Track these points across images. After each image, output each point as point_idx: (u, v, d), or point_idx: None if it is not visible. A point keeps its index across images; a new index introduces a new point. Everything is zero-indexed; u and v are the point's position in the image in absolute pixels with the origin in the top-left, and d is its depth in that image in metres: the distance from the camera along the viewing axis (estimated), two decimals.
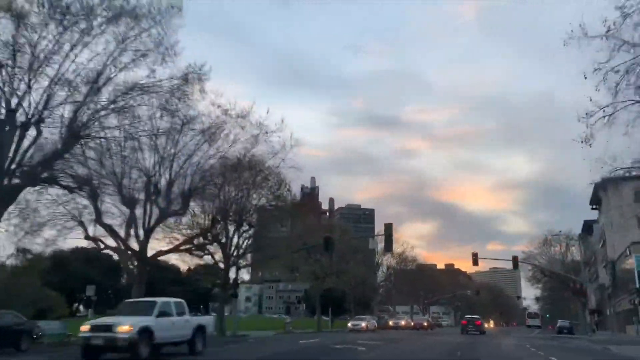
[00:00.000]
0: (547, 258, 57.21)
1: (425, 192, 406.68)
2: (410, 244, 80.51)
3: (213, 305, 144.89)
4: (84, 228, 29.61)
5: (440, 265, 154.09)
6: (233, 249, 38.78)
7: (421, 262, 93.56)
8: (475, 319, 52.55)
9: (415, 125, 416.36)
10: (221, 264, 39.02)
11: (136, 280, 28.95)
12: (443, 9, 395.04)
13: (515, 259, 48.94)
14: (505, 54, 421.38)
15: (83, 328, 16.18)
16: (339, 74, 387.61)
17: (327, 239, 39.01)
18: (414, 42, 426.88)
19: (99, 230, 30.07)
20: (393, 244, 38.69)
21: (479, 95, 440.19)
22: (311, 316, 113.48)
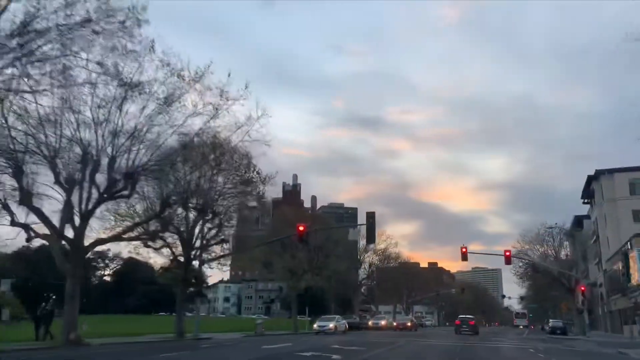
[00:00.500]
0: (539, 254, 53.56)
1: (407, 193, 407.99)
2: (393, 240, 76.27)
3: (192, 305, 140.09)
4: (9, 212, 24.73)
5: (423, 265, 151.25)
6: (194, 239, 34.19)
7: (404, 260, 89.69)
8: (469, 318, 51.54)
9: (398, 126, 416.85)
10: (181, 257, 34.43)
11: (69, 274, 24.10)
12: (425, 11, 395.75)
13: (508, 254, 45.07)
14: (487, 56, 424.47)
15: None
16: (322, 74, 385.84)
17: (302, 231, 34.59)
18: (397, 43, 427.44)
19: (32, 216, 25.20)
20: (375, 235, 34.37)
21: (461, 97, 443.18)
22: (291, 316, 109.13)
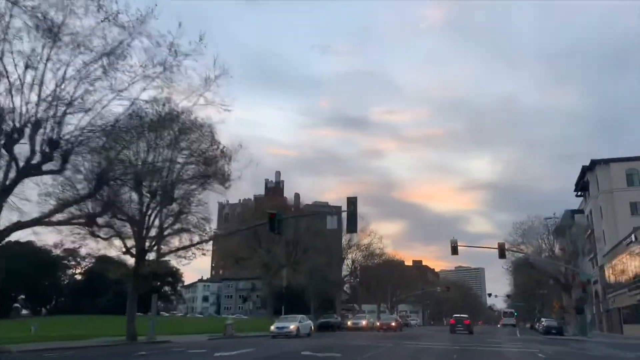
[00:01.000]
0: (534, 248, 49.83)
1: (392, 193, 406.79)
2: (377, 234, 72.07)
3: (166, 305, 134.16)
4: None
5: (408, 263, 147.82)
6: (149, 228, 29.61)
7: (389, 257, 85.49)
8: (463, 318, 50.80)
9: (384, 126, 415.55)
10: (134, 249, 29.85)
11: None
12: (410, 12, 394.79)
13: (502, 247, 41.28)
14: (472, 57, 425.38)
15: None
16: (307, 73, 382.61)
17: (274, 217, 30.24)
18: (382, 44, 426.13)
19: None
20: (357, 224, 30.09)
21: (445, 98, 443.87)
22: (273, 315, 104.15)
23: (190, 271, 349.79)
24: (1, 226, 20.70)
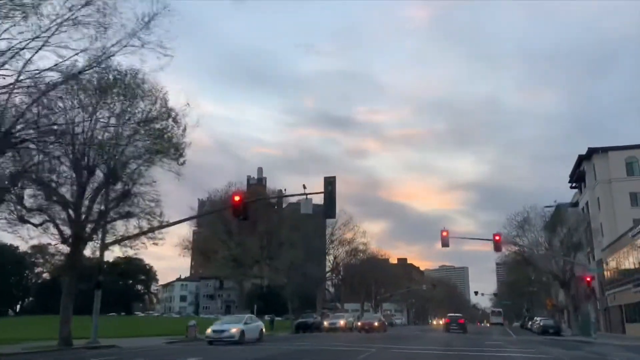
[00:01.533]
0: (530, 241, 45.99)
1: (376, 192, 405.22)
2: (361, 229, 67.69)
3: (137, 305, 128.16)
4: None
5: (392, 261, 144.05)
6: (87, 212, 24.93)
7: (373, 254, 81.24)
8: (458, 317, 51.26)
9: (367, 126, 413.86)
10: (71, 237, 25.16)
11: None
12: (394, 12, 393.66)
13: (498, 239, 37.30)
14: (454, 58, 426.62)
15: None
16: (292, 72, 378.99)
17: (239, 200, 25.85)
18: (366, 43, 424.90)
19: None
20: (336, 208, 25.81)
21: (428, 98, 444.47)
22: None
23: (169, 270, 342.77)
24: None
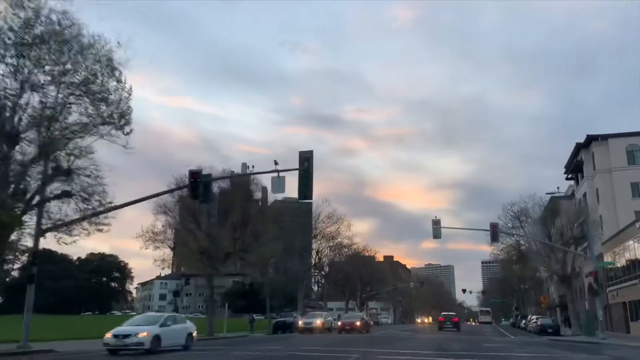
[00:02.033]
0: (526, 232, 42.33)
1: (364, 191, 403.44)
2: (346, 220, 63.58)
3: (117, 304, 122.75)
4: None
5: (379, 259, 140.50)
6: (12, 191, 20.65)
7: (359, 249, 77.19)
8: (452, 315, 52.65)
9: (355, 125, 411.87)
10: None
11: None
12: (381, 11, 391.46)
13: (495, 228, 33.67)
14: (441, 57, 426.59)
15: None
16: (278, 70, 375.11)
17: (196, 178, 21.75)
18: (353, 42, 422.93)
19: None
20: (312, 188, 21.72)
21: (415, 97, 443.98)
22: (235, 315, 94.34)
23: (151, 268, 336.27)
24: None
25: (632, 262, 39.17)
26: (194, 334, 22.16)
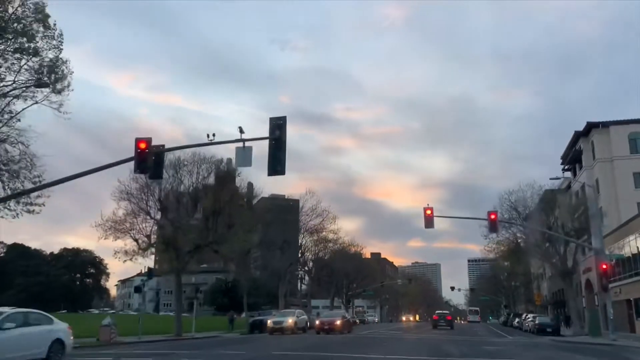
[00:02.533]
0: (525, 222, 39.12)
1: (352, 190, 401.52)
2: (330, 214, 60.02)
3: (98, 302, 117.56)
4: None
5: (366, 256, 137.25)
6: None
7: (345, 245, 73.65)
8: (445, 314, 54.00)
9: (343, 123, 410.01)
10: None
11: None
12: (370, 10, 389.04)
13: (493, 217, 30.42)
14: (429, 57, 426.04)
15: None
16: (267, 68, 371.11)
17: (145, 148, 18.09)
18: (342, 41, 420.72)
19: None
20: (285, 161, 18.11)
21: (404, 96, 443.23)
22: (218, 313, 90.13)
23: (134, 264, 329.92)
24: None
25: (638, 257, 36.16)
26: (68, 339, 15.73)
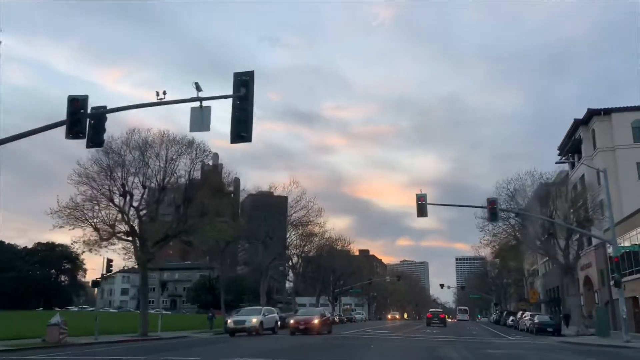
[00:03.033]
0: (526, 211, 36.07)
1: (341, 188, 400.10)
2: (316, 206, 56.62)
3: (78, 299, 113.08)
4: None
5: (354, 253, 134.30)
6: None
7: (332, 240, 70.34)
8: (438, 312, 57.19)
9: (333, 122, 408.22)
10: None
11: None
12: (360, 9, 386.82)
13: (493, 206, 27.37)
14: (419, 56, 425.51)
15: None
16: (256, 65, 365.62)
17: (76, 107, 14.71)
18: (332, 39, 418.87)
19: None
20: (252, 125, 14.80)
21: (393, 95, 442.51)
22: (201, 310, 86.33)
23: (117, 261, 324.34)
24: None
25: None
26: None
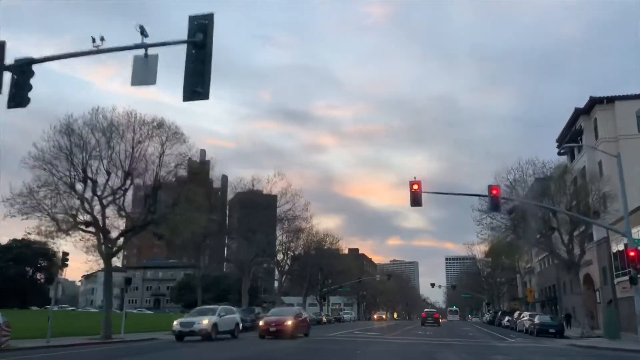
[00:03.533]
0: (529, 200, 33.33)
1: (331, 187, 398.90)
2: (303, 199, 53.77)
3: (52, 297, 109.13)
4: None
5: (344, 252, 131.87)
6: None
7: (321, 237, 67.49)
8: (433, 312, 58.24)
9: (324, 121, 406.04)
10: None
11: None
12: (353, 8, 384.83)
13: (495, 192, 24.74)
14: (411, 56, 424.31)
15: None
16: (248, 64, 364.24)
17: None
18: (324, 38, 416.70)
19: None
20: (209, 83, 11.93)
21: (384, 94, 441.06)
22: (186, 310, 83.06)
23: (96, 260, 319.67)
24: None
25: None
26: None
